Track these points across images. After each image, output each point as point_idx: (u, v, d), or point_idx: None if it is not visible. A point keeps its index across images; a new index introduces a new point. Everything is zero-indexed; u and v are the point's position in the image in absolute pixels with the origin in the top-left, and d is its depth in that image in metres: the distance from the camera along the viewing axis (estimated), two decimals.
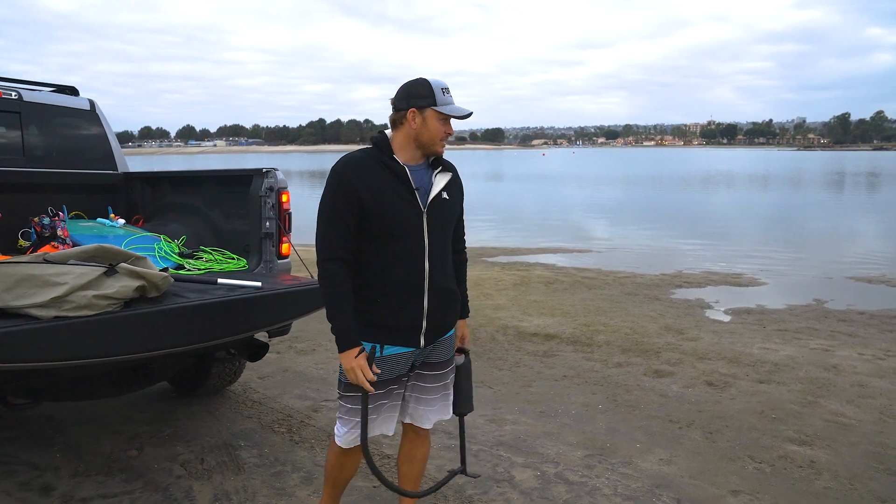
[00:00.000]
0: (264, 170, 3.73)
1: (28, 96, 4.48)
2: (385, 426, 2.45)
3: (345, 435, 2.40)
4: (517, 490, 3.21)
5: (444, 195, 2.37)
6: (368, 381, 2.21)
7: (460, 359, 2.59)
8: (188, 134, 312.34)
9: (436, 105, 2.27)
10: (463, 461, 2.72)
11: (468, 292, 2.68)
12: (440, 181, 2.36)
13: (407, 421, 2.57)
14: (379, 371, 2.27)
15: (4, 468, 3.39)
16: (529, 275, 9.30)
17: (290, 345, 5.64)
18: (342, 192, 2.24)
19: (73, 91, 4.87)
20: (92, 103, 4.80)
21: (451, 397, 2.58)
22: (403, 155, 2.33)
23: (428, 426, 2.56)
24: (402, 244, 2.28)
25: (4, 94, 4.36)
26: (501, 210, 20.68)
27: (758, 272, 9.71)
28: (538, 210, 21.28)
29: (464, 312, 2.63)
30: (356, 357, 2.21)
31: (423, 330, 2.35)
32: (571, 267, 10.19)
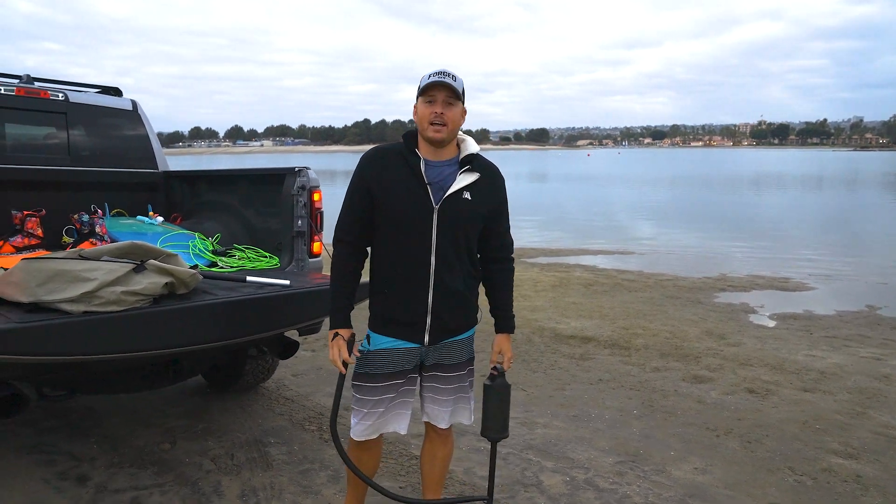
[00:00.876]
0: (296, 168, 3.76)
1: (74, 97, 4.62)
2: (396, 423, 2.44)
3: (355, 426, 2.42)
4: (545, 495, 3.14)
5: (466, 195, 2.29)
6: (349, 367, 2.32)
7: (499, 381, 2.46)
8: (236, 134, 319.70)
9: (420, 91, 2.27)
10: (490, 491, 2.63)
11: (512, 306, 2.54)
12: (463, 180, 2.29)
13: (425, 420, 2.56)
14: (359, 354, 2.33)
15: (45, 457, 3.49)
16: (569, 276, 9.17)
17: (325, 343, 5.67)
18: (358, 182, 2.33)
19: (116, 92, 5.00)
20: (134, 104, 4.93)
21: (471, 402, 2.55)
22: (426, 150, 2.31)
23: (443, 426, 2.53)
24: (408, 238, 2.28)
25: (52, 95, 4.51)
26: (543, 211, 20.49)
27: (806, 276, 9.37)
28: (580, 211, 21.02)
29: (506, 326, 2.52)
30: (338, 337, 2.30)
31: (428, 326, 2.33)
32: (612, 269, 10.02)
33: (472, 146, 2.35)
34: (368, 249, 2.43)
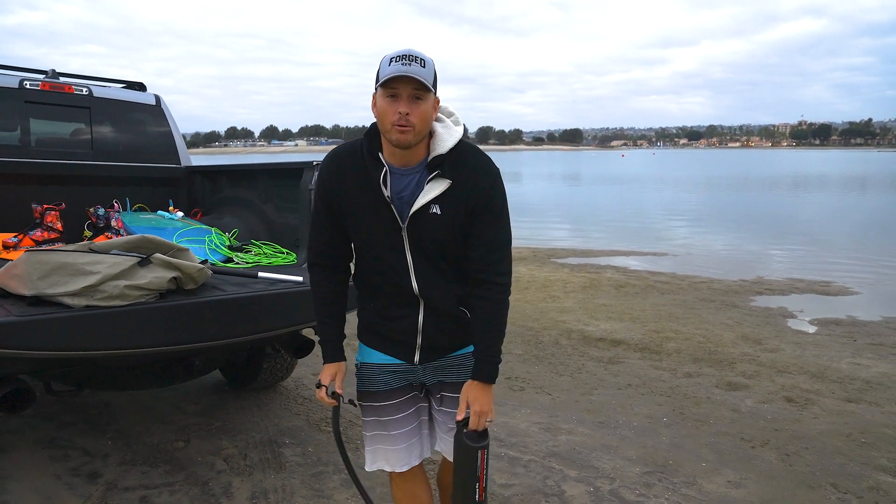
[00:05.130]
0: (314, 163, 3.66)
1: (98, 92, 4.60)
2: (407, 455, 2.07)
3: (367, 454, 2.13)
4: None
5: (434, 209, 1.81)
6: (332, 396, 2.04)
7: (460, 435, 1.90)
8: (271, 134, 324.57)
9: (378, 80, 1.75)
10: None
11: (497, 347, 1.92)
12: (431, 191, 1.80)
13: (437, 449, 2.18)
14: (340, 393, 2.04)
15: (60, 452, 3.46)
16: (599, 277, 8.95)
17: (348, 342, 5.57)
18: (319, 193, 1.94)
19: (140, 87, 4.98)
20: (158, 98, 4.89)
21: None
22: (390, 153, 1.83)
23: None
24: (383, 260, 1.90)
25: (76, 90, 4.50)
26: (574, 211, 20.18)
27: (849, 281, 8.98)
28: (612, 212, 20.64)
29: (482, 373, 1.88)
30: (330, 374, 2.04)
31: (419, 345, 1.98)
32: (644, 270, 9.75)
33: (443, 141, 1.82)
34: (352, 265, 2.07)
